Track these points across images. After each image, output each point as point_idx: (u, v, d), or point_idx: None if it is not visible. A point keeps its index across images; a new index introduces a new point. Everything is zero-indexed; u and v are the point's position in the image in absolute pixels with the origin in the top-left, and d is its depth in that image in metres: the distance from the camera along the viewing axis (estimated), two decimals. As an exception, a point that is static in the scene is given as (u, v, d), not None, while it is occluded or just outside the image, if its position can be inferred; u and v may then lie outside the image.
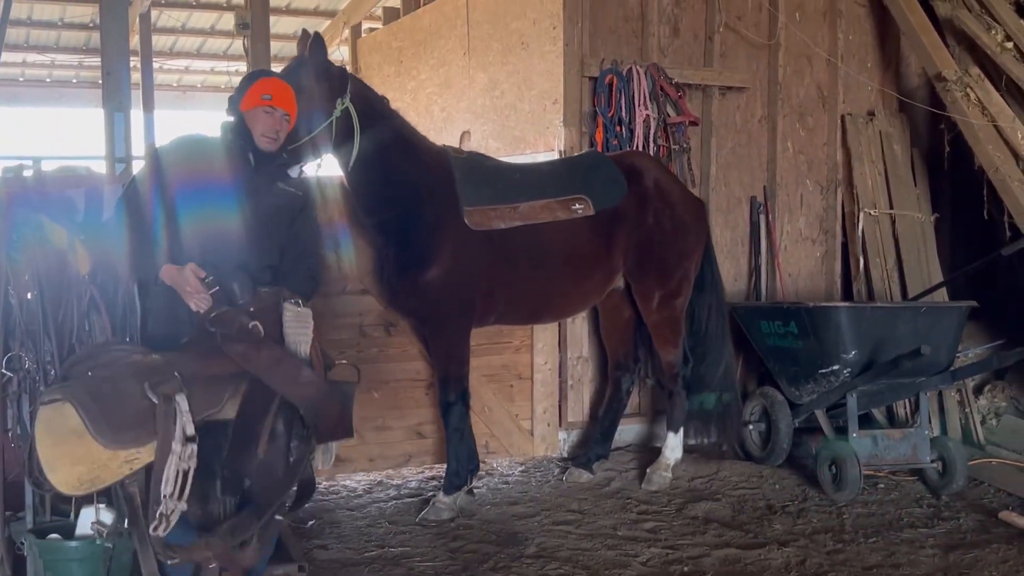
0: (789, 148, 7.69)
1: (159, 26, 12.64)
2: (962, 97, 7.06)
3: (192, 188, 4.01)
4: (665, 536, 5.30)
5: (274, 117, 4.16)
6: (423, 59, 8.95)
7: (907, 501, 5.94)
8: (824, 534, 5.34)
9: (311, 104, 4.89)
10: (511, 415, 6.54)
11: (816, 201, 7.81)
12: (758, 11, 7.57)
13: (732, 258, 7.57)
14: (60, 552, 4.06)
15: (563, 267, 5.80)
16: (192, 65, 14.86)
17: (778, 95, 7.60)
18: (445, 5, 8.54)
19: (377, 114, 5.29)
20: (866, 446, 6.00)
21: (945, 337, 6.17)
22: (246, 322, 3.68)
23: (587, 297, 6.09)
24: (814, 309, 6.17)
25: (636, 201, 6.01)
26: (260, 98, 4.12)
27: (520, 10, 7.23)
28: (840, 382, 6.10)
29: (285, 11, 12.28)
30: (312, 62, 5.00)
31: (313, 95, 4.92)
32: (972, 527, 5.49)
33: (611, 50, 7.00)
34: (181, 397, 3.42)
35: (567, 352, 6.79)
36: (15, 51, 13.41)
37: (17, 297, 4.24)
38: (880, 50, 8.04)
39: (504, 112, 7.51)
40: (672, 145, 6.95)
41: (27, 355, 4.22)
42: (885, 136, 7.81)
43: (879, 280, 7.45)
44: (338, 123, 5.02)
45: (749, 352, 7.19)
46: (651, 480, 6.14)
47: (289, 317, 3.76)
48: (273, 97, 4.14)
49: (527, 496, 5.96)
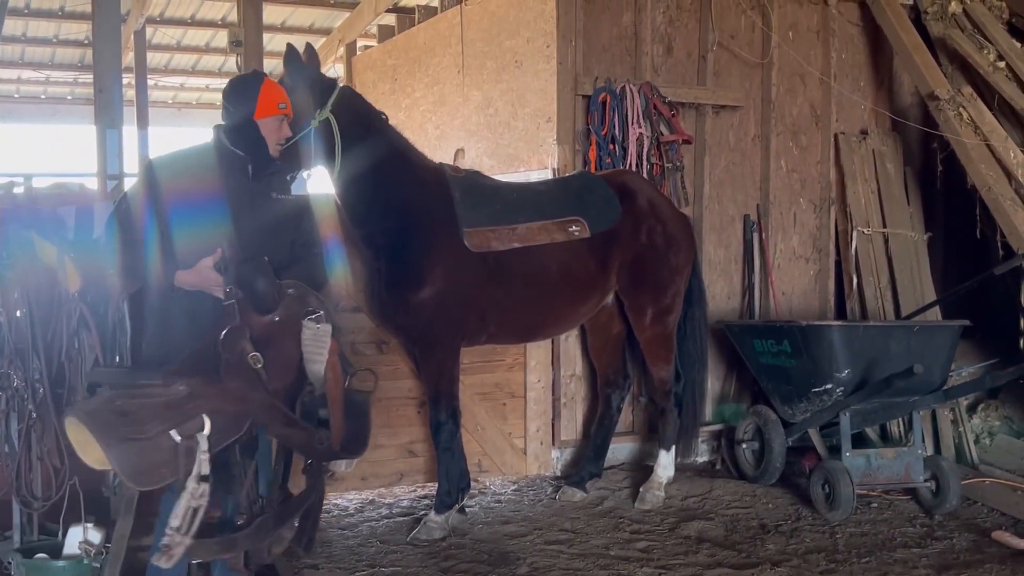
0: (782, 167, 7.70)
1: (154, 43, 12.64)
2: (955, 116, 7.09)
3: (192, 201, 3.89)
4: (658, 556, 5.27)
5: (285, 125, 4.09)
6: (417, 77, 8.97)
7: (900, 521, 5.92)
8: (817, 554, 5.31)
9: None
10: (504, 433, 6.52)
11: (809, 219, 7.83)
12: (751, 30, 7.60)
13: (725, 276, 7.57)
14: (47, 572, 4.05)
15: (557, 288, 5.79)
16: (187, 82, 14.86)
17: (771, 114, 7.62)
18: (439, 23, 8.56)
19: (369, 128, 5.26)
20: (859, 465, 5.99)
21: (938, 356, 6.15)
22: (248, 349, 3.60)
23: (580, 316, 6.10)
24: (807, 328, 6.16)
25: (630, 221, 6.02)
26: (277, 107, 4.01)
27: (514, 28, 7.25)
28: (833, 401, 6.09)
29: (280, 28, 12.28)
30: (296, 72, 4.95)
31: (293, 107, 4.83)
32: (966, 547, 5.47)
33: (605, 68, 7.02)
34: (202, 437, 3.41)
35: (560, 370, 6.78)
36: (10, 68, 13.43)
37: (6, 314, 4.24)
38: (873, 69, 8.07)
39: (498, 130, 7.52)
40: (665, 163, 6.96)
41: (16, 373, 4.22)
42: (878, 155, 7.83)
43: (872, 299, 7.46)
44: (317, 134, 4.94)
45: (742, 370, 7.18)
46: (644, 499, 6.11)
47: (307, 336, 3.71)
48: (287, 105, 4.06)
49: (519, 515, 5.93)
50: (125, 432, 3.33)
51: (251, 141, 3.98)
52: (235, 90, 4.07)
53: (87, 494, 4.25)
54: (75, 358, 4.30)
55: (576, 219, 5.79)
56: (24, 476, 4.25)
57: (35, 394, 4.22)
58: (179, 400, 3.47)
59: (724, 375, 7.47)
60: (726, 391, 7.48)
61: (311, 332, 3.70)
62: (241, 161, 4.00)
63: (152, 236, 3.86)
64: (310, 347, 3.69)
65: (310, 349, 3.69)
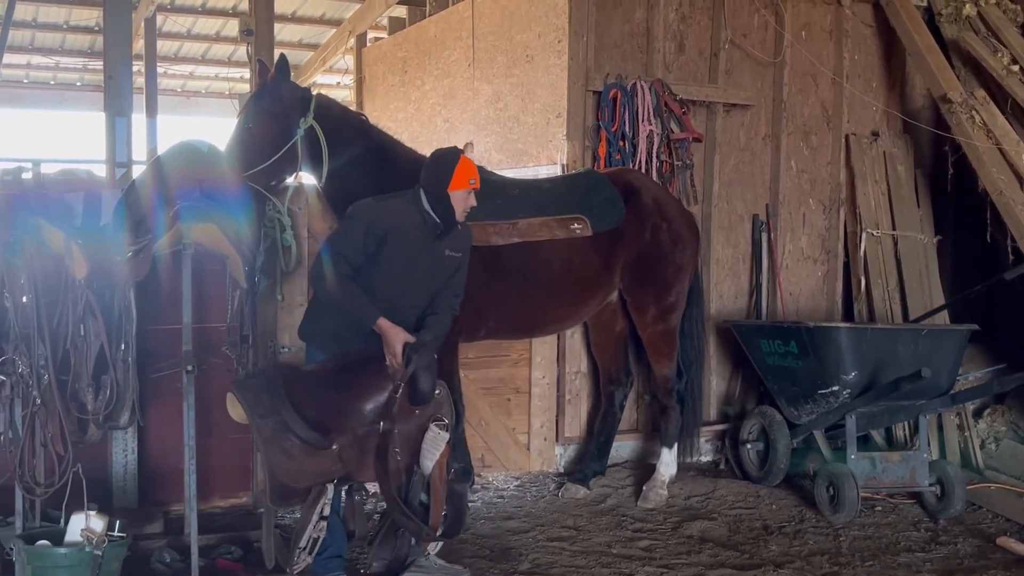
0: (792, 167, 7.67)
1: (164, 31, 12.63)
2: (967, 119, 7.05)
3: (396, 247, 4.47)
4: (660, 555, 5.25)
5: (472, 197, 4.59)
6: (427, 70, 8.94)
7: (904, 524, 5.90)
8: (820, 556, 5.29)
9: (275, 126, 5.14)
10: (508, 429, 6.51)
11: (819, 220, 7.80)
12: (764, 29, 7.57)
13: (733, 275, 7.54)
14: (49, 558, 4.04)
15: (559, 284, 5.76)
16: (196, 71, 14.83)
17: (782, 113, 7.59)
18: (451, 16, 8.53)
19: (354, 130, 5.41)
20: (864, 468, 5.97)
21: (946, 360, 6.13)
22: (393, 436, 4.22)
23: (583, 313, 6.09)
24: (815, 329, 6.14)
25: (634, 220, 5.99)
26: (468, 183, 4.52)
27: (525, 23, 7.22)
28: (839, 403, 6.06)
29: (290, 18, 12.27)
30: (275, 87, 5.21)
31: (276, 117, 5.16)
32: (970, 552, 5.45)
33: (616, 65, 7.00)
34: (330, 486, 4.19)
35: (565, 366, 6.76)
36: (20, 53, 13.40)
37: (12, 300, 4.21)
38: (885, 70, 8.04)
39: (507, 124, 7.49)
40: (675, 161, 6.93)
41: (21, 359, 4.19)
42: (889, 157, 7.80)
43: (880, 301, 7.43)
44: (303, 142, 5.19)
45: (748, 370, 7.16)
46: (647, 497, 6.10)
47: (429, 437, 4.28)
48: (476, 181, 4.57)
49: (522, 511, 5.92)
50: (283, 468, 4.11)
51: (444, 209, 4.52)
52: (437, 163, 4.61)
53: (90, 481, 4.24)
54: (80, 345, 4.28)
55: (578, 217, 5.78)
56: (27, 462, 4.24)
57: (40, 380, 4.20)
58: (321, 454, 4.14)
59: (730, 375, 7.45)
60: (731, 391, 7.45)
61: (432, 434, 4.29)
62: (435, 225, 4.55)
63: (365, 263, 4.45)
64: (428, 446, 4.28)
65: (427, 448, 4.28)
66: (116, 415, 4.41)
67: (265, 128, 5.14)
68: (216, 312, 5.15)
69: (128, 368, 4.42)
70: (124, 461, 5.31)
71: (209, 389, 5.24)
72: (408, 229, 4.49)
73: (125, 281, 4.38)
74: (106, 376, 4.34)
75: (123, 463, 5.31)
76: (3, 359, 4.20)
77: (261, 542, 4.28)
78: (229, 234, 4.54)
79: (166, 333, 5.16)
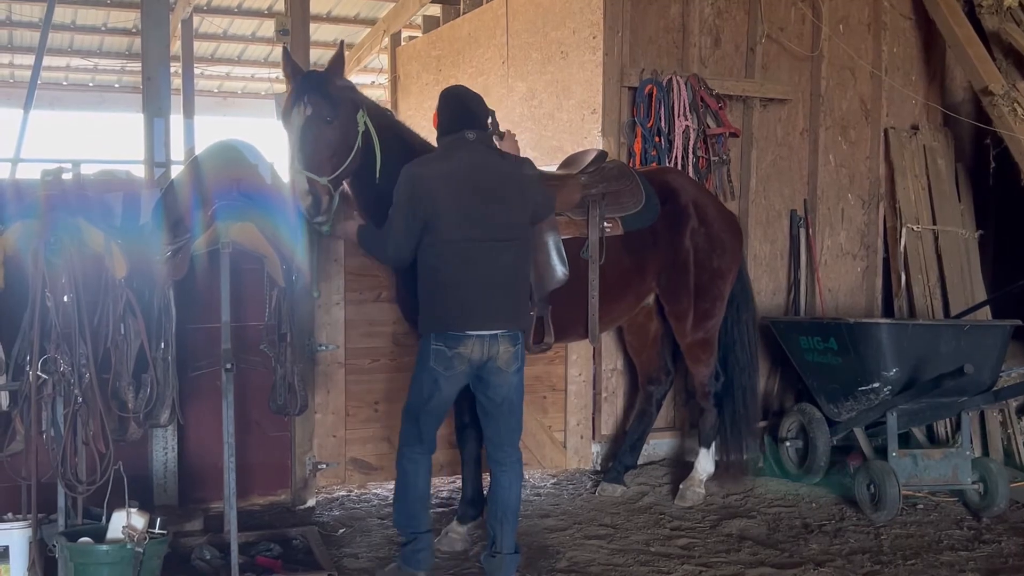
0: (831, 161, 7.60)
1: (200, 32, 12.73)
2: (1009, 112, 6.94)
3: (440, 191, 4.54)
4: (699, 553, 5.22)
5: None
6: (462, 68, 8.94)
7: (947, 523, 5.82)
8: (862, 555, 5.24)
9: (347, 121, 4.77)
10: (544, 427, 6.49)
11: (857, 215, 7.71)
12: (801, 22, 7.50)
13: (771, 272, 7.48)
14: (91, 556, 4.06)
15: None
16: (233, 71, 14.94)
17: (820, 107, 7.52)
18: (484, 14, 8.53)
19: (389, 126, 5.13)
20: (906, 466, 5.90)
21: (988, 356, 6.04)
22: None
23: (616, 317, 5.92)
24: (855, 325, 6.07)
25: (670, 221, 5.85)
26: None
27: (560, 20, 7.20)
28: (880, 400, 6.00)
29: (325, 19, 12.32)
30: (340, 78, 4.87)
31: (347, 112, 4.78)
32: (1014, 551, 5.36)
33: (651, 60, 6.96)
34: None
35: (601, 364, 6.74)
36: (59, 55, 13.56)
37: (54, 299, 4.25)
38: (925, 63, 7.94)
39: (542, 121, 7.48)
40: (712, 156, 6.89)
41: (62, 358, 4.23)
42: (929, 150, 7.70)
43: (921, 297, 7.34)
44: (364, 137, 4.84)
45: (787, 368, 7.10)
46: (684, 496, 6.06)
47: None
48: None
49: (559, 509, 5.90)
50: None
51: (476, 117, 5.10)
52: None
53: (131, 479, 4.27)
54: (121, 344, 4.33)
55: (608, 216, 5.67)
56: (69, 460, 4.28)
57: (81, 379, 4.24)
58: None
59: (768, 372, 7.38)
60: (769, 388, 7.39)
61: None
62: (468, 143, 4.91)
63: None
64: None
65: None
66: (156, 413, 4.46)
67: (341, 124, 4.72)
68: (254, 311, 5.17)
69: (168, 367, 4.46)
70: (164, 459, 5.35)
71: (248, 387, 5.28)
72: (442, 171, 4.53)
73: (164, 280, 4.42)
74: (146, 375, 4.39)
75: (163, 461, 5.35)
76: (45, 358, 4.24)
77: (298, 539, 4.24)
78: (266, 233, 4.55)
79: (205, 332, 5.20)
